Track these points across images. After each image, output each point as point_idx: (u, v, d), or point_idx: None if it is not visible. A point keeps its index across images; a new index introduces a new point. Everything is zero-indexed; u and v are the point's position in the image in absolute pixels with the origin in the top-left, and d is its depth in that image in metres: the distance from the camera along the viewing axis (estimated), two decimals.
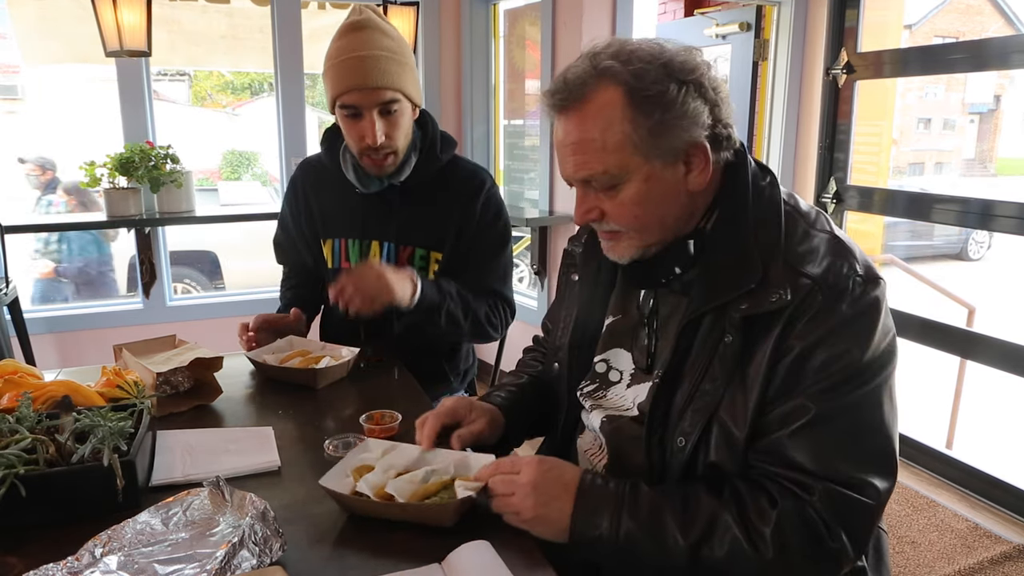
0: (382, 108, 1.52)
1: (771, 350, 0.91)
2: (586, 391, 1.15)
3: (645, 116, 0.91)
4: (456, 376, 1.84)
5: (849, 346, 0.90)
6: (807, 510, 0.89)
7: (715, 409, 0.94)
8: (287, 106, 3.47)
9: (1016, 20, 11.40)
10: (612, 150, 0.92)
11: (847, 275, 0.92)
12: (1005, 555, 2.30)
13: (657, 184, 0.94)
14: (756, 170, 1.01)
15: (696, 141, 0.93)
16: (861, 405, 0.91)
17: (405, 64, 1.54)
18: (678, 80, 0.91)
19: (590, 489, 0.94)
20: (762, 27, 3.71)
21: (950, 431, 3.12)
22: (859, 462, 0.91)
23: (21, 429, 1.00)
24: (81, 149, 3.68)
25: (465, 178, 1.70)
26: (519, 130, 3.70)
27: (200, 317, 3.51)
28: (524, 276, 5.15)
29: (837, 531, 0.89)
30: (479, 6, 3.71)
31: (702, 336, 0.96)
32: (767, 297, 0.91)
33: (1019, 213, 2.50)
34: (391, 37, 1.54)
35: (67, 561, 0.84)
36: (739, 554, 0.89)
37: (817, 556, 0.90)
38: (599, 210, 0.98)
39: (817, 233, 0.96)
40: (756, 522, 0.90)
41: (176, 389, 1.39)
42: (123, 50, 2.62)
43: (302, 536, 0.96)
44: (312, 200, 1.79)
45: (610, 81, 0.92)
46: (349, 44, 1.50)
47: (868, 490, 0.90)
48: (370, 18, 1.53)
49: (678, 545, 0.90)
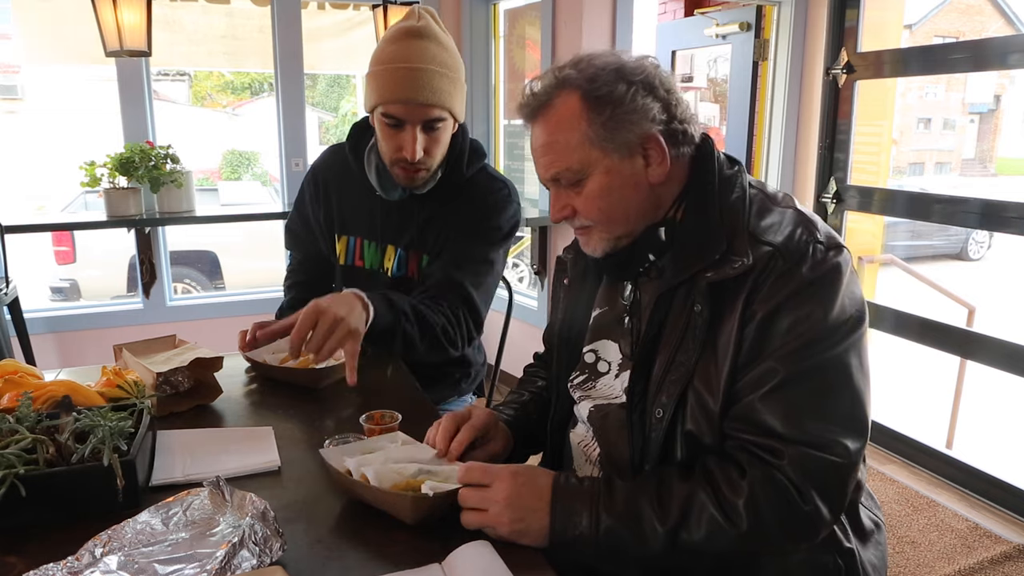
0: (426, 124, 1.48)
1: (738, 317, 0.95)
2: (576, 382, 1.18)
3: (598, 113, 0.99)
4: (466, 379, 1.82)
5: (812, 308, 0.93)
6: (776, 476, 0.92)
7: (689, 379, 0.98)
8: (287, 106, 3.47)
9: (1016, 20, 11.41)
10: (574, 148, 1.00)
11: (807, 241, 0.96)
12: (1005, 555, 2.30)
13: (617, 177, 1.01)
14: (724, 160, 1.07)
15: (648, 133, 1.00)
16: (827, 367, 0.94)
17: (457, 80, 1.49)
18: (627, 80, 0.99)
19: (564, 492, 0.96)
20: (762, 27, 3.71)
21: (950, 431, 3.13)
22: (827, 422, 0.93)
23: (21, 429, 1.00)
24: (81, 149, 3.68)
25: (486, 192, 1.64)
26: (519, 130, 3.70)
27: (200, 317, 3.52)
28: (524, 276, 5.15)
29: (809, 493, 0.91)
30: (479, 6, 3.71)
31: (675, 310, 1.01)
32: (731, 264, 0.96)
33: (1019, 213, 2.50)
34: (447, 50, 1.48)
35: (67, 561, 0.84)
36: (716, 531, 0.92)
37: (791, 522, 0.92)
38: (571, 207, 1.05)
39: (781, 209, 1.02)
40: (729, 495, 0.92)
41: (176, 389, 1.39)
42: (123, 50, 2.63)
43: (302, 536, 0.96)
44: (332, 192, 1.74)
45: (569, 87, 1.00)
46: (403, 52, 1.43)
47: (837, 448, 0.92)
48: (428, 26, 1.47)
49: (656, 533, 0.93)
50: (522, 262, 5.18)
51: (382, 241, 1.68)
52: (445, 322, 1.51)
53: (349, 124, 8.89)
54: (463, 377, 1.81)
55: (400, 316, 1.43)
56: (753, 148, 3.80)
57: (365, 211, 1.69)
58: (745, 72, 3.81)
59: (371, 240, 1.69)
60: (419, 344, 1.47)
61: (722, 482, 0.93)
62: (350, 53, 3.90)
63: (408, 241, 1.66)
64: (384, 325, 1.39)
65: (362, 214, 1.70)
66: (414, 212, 1.64)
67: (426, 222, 1.64)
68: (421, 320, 1.47)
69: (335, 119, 12.21)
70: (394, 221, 1.66)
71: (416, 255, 1.67)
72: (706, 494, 0.93)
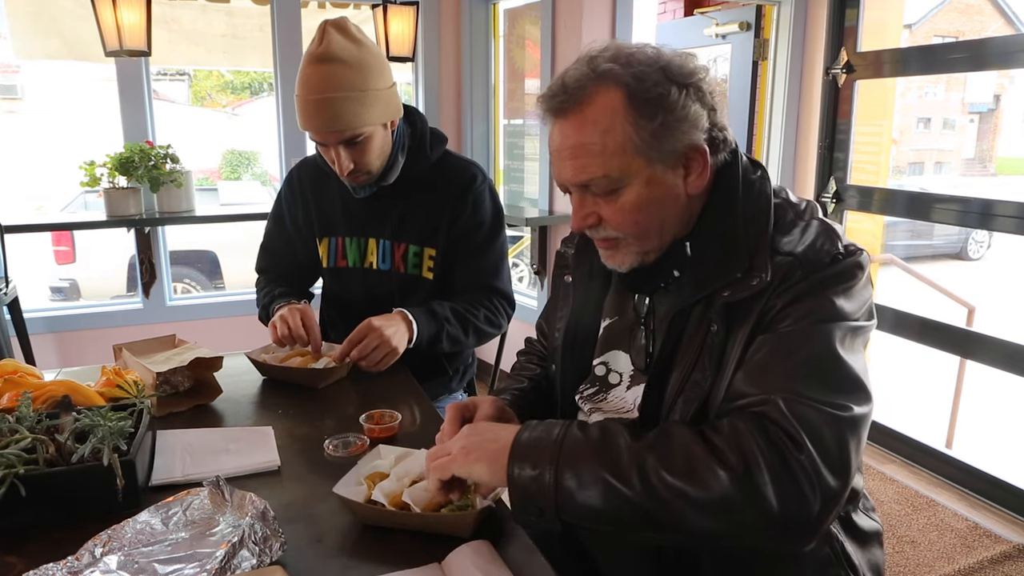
0: (345, 142, 1.53)
1: (750, 329, 0.90)
2: (586, 394, 1.14)
3: (648, 119, 0.90)
4: (456, 375, 1.85)
5: (821, 303, 0.88)
6: (763, 422, 0.82)
7: (705, 398, 0.93)
8: (287, 106, 3.47)
9: (1016, 20, 11.41)
10: (613, 153, 0.91)
11: (828, 251, 0.92)
12: (1005, 555, 2.30)
13: (657, 188, 0.94)
14: (747, 165, 1.01)
15: (696, 144, 0.93)
16: (825, 337, 0.87)
17: (366, 97, 1.50)
18: (677, 83, 0.91)
19: (530, 433, 0.89)
20: (762, 27, 3.71)
21: (950, 431, 3.12)
22: (823, 384, 0.84)
23: (21, 429, 1.00)
24: (81, 149, 3.68)
25: (455, 174, 1.71)
26: (519, 130, 3.70)
27: (200, 317, 3.52)
28: (524, 276, 5.15)
29: (801, 439, 0.79)
30: (479, 6, 3.71)
31: (691, 328, 0.96)
32: (749, 282, 0.91)
33: (1019, 213, 2.50)
34: (352, 67, 1.48)
35: (67, 561, 0.84)
36: (699, 465, 0.80)
37: (785, 477, 0.78)
38: (596, 215, 0.97)
39: (805, 221, 0.96)
40: (710, 433, 0.83)
41: (176, 389, 1.39)
42: (123, 50, 2.62)
43: (302, 536, 0.96)
44: (310, 197, 1.79)
45: (611, 83, 0.91)
46: (310, 80, 1.48)
47: (834, 404, 0.82)
48: (329, 48, 1.47)
49: (627, 462, 0.82)
50: (522, 262, 5.19)
51: (363, 235, 1.74)
52: (486, 311, 1.70)
53: None
54: (453, 375, 1.84)
55: (443, 322, 1.61)
56: (753, 148, 3.80)
57: (343, 210, 1.74)
58: (745, 72, 3.81)
59: (352, 236, 1.74)
60: (464, 339, 1.66)
61: (705, 427, 0.86)
62: None
63: (390, 232, 1.71)
64: (429, 335, 1.58)
65: (341, 213, 1.75)
66: (389, 204, 1.70)
67: (405, 212, 1.70)
68: (462, 319, 1.65)
69: None
70: (372, 214, 1.72)
71: (400, 246, 1.71)
72: (683, 431, 0.85)
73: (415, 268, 1.71)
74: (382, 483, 1.01)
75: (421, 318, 1.57)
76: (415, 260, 1.71)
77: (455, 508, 0.96)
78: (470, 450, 0.90)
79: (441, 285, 1.71)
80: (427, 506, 0.97)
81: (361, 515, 0.99)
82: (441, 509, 0.97)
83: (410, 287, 1.72)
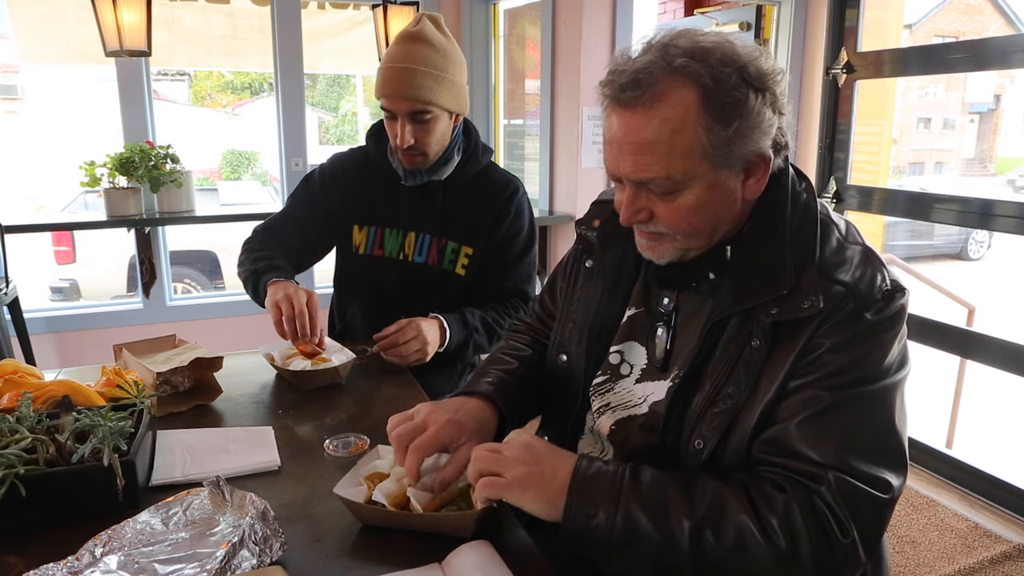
0: (412, 116, 1.62)
1: (796, 354, 0.90)
2: (596, 384, 1.10)
3: (723, 125, 0.86)
4: (467, 372, 1.85)
5: (871, 350, 0.89)
6: (815, 500, 0.84)
7: (737, 413, 0.92)
8: (287, 106, 3.47)
9: (1016, 20, 11.41)
10: (680, 155, 0.87)
11: (879, 285, 0.91)
12: (1005, 555, 2.30)
13: (718, 192, 0.91)
14: (794, 176, 0.99)
15: (764, 152, 0.91)
16: (875, 401, 0.89)
17: (443, 78, 1.63)
18: (755, 87, 0.88)
19: (587, 471, 0.89)
20: (762, 27, 3.71)
21: (950, 431, 3.12)
22: (871, 456, 0.87)
23: (21, 429, 1.00)
24: (81, 149, 3.68)
25: (501, 183, 1.80)
26: (519, 130, 3.71)
27: (200, 317, 3.52)
28: None
29: (847, 525, 0.83)
30: (479, 6, 3.71)
31: (727, 339, 0.94)
32: (799, 303, 0.89)
33: (1019, 213, 2.50)
34: (439, 51, 1.63)
35: (67, 561, 0.84)
36: (746, 543, 0.83)
37: (826, 557, 0.83)
38: (649, 212, 0.93)
39: (850, 245, 0.95)
40: (764, 510, 0.84)
41: (176, 389, 1.39)
42: (123, 50, 2.63)
43: (302, 536, 0.96)
44: (352, 186, 1.80)
45: (687, 80, 0.86)
46: (397, 53, 1.62)
47: (879, 484, 0.86)
48: (423, 30, 1.63)
49: (683, 527, 0.84)
50: None
51: (404, 228, 1.78)
52: (511, 321, 1.73)
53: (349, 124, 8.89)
54: (463, 370, 1.87)
55: (472, 331, 1.70)
56: None
57: (388, 201, 1.79)
58: None
59: (392, 228, 1.79)
60: (488, 348, 1.74)
61: (756, 495, 0.86)
62: (350, 53, 3.90)
63: (437, 226, 1.76)
64: (458, 342, 1.67)
65: (385, 204, 1.80)
66: (436, 199, 1.76)
67: (451, 209, 1.76)
68: (489, 329, 1.74)
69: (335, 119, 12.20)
70: (418, 208, 1.77)
71: (441, 241, 1.76)
72: (738, 501, 0.85)
73: (450, 264, 1.76)
74: (382, 483, 1.01)
75: (454, 325, 1.66)
76: (452, 256, 1.76)
77: (455, 508, 0.96)
78: (527, 484, 0.89)
79: (472, 283, 1.77)
80: (428, 506, 0.97)
81: (361, 515, 0.99)
82: (441, 509, 0.97)
83: (443, 281, 1.76)
